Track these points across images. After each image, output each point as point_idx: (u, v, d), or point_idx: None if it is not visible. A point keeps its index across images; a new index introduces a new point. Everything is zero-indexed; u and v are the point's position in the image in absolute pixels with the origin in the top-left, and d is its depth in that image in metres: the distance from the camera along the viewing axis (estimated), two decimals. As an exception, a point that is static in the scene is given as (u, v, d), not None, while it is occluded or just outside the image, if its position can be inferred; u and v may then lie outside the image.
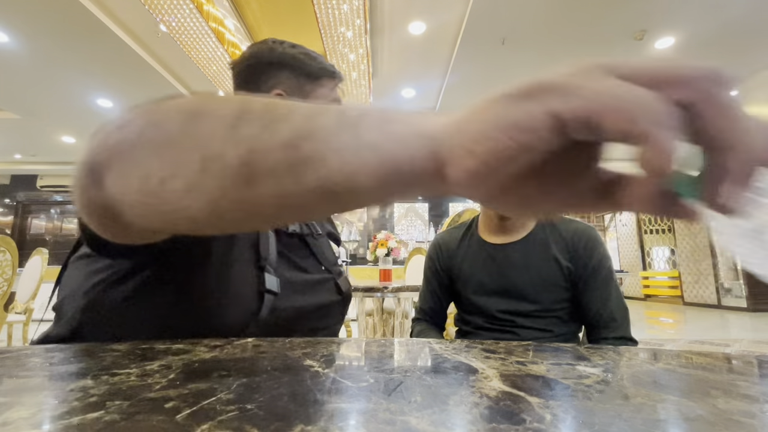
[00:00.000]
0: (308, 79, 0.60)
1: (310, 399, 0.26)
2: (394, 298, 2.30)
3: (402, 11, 3.43)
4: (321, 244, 0.61)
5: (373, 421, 0.22)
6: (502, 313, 0.87)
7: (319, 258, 0.58)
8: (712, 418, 0.23)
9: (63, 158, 6.98)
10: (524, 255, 0.89)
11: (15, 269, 2.18)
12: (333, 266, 0.60)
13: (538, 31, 3.36)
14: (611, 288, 0.85)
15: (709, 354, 0.43)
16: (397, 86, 4.66)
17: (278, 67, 0.59)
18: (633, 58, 0.20)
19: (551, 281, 0.86)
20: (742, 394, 0.28)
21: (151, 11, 3.16)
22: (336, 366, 0.37)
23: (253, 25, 3.97)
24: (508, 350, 0.43)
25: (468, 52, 3.72)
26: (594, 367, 0.36)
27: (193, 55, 3.80)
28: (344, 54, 3.78)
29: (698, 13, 3.10)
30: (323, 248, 0.61)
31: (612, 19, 3.19)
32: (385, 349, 0.46)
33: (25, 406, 0.24)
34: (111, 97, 4.55)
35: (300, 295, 0.53)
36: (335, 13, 3.22)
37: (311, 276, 0.56)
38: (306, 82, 0.59)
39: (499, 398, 0.26)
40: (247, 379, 0.30)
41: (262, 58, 0.59)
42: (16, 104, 4.76)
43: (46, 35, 3.40)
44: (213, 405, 0.24)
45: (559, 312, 0.87)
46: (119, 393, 0.26)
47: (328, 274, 0.58)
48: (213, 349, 0.42)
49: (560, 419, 0.23)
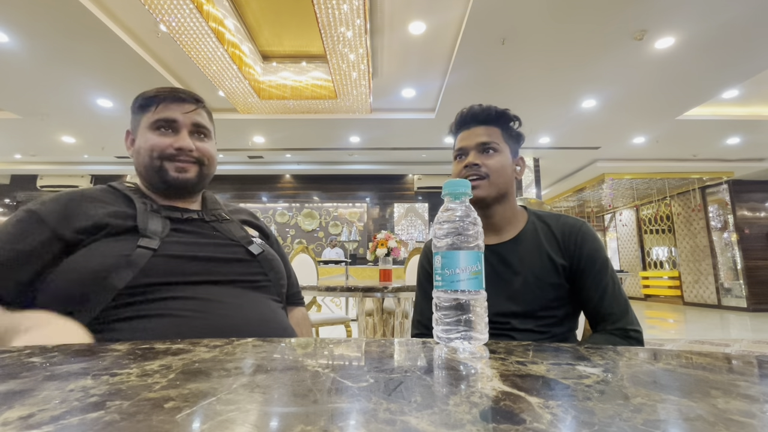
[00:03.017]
0: (137, 113, 0.81)
1: (310, 399, 0.26)
2: (394, 298, 2.29)
3: (402, 11, 3.43)
4: (227, 225, 0.82)
5: (373, 421, 0.22)
6: (497, 315, 0.84)
7: (223, 232, 0.79)
8: (712, 418, 0.23)
9: (63, 158, 6.98)
10: (517, 254, 0.87)
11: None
12: (241, 239, 0.80)
13: (538, 31, 3.36)
14: (607, 280, 0.83)
15: (709, 354, 0.43)
16: (397, 86, 4.65)
17: (131, 112, 0.84)
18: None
19: (546, 280, 0.84)
20: (742, 394, 0.28)
21: (151, 11, 3.16)
22: (336, 366, 0.36)
23: (253, 25, 3.97)
24: (508, 350, 0.43)
25: (468, 52, 3.72)
26: (594, 367, 0.36)
27: (193, 55, 3.80)
28: (344, 54, 3.78)
29: (698, 13, 3.10)
30: (230, 227, 0.81)
31: (612, 19, 3.19)
32: (385, 349, 0.46)
33: (25, 406, 0.24)
34: (111, 97, 4.55)
35: (193, 246, 0.72)
36: (335, 13, 3.22)
37: (209, 240, 0.76)
38: (136, 115, 0.81)
39: (499, 398, 0.26)
40: (247, 379, 0.30)
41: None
42: (16, 104, 4.76)
43: (46, 35, 3.40)
44: (213, 405, 0.24)
45: (555, 311, 0.85)
46: (119, 393, 0.26)
47: (233, 242, 0.78)
48: (213, 349, 0.42)
49: (560, 419, 0.23)
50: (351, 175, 7.77)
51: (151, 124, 0.77)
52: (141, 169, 0.79)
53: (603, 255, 0.86)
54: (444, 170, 7.44)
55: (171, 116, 0.77)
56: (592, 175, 7.55)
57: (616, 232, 10.35)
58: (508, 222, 0.92)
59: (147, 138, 0.77)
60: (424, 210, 7.80)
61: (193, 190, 0.82)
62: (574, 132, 5.63)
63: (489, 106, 0.92)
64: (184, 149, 0.77)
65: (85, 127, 5.44)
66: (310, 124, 5.46)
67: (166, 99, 0.78)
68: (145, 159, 0.77)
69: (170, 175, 0.77)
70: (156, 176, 0.77)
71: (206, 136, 0.82)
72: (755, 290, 6.91)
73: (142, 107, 0.79)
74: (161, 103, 0.78)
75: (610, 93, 4.45)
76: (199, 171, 0.80)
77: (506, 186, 0.90)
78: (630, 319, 0.81)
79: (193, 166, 0.79)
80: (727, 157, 6.73)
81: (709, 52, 3.59)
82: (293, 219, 7.84)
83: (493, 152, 0.89)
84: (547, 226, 0.91)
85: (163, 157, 0.77)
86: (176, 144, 0.77)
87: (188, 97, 0.80)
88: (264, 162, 7.20)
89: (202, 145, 0.81)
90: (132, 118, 0.82)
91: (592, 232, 0.89)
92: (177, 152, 0.77)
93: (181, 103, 0.79)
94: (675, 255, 8.47)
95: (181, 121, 0.78)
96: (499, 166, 0.88)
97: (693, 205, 7.90)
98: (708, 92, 4.39)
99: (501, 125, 0.92)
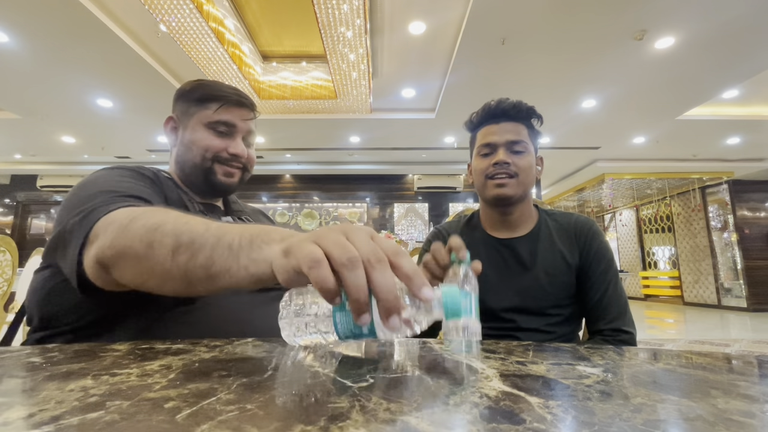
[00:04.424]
0: (193, 104, 0.79)
1: (310, 399, 0.26)
2: (394, 298, 2.29)
3: (402, 11, 3.42)
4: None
5: (373, 421, 0.22)
6: (504, 311, 0.85)
7: None
8: (712, 418, 0.23)
9: (63, 158, 6.98)
10: (531, 250, 0.88)
11: (15, 269, 2.18)
12: None
13: (538, 31, 3.36)
14: (609, 279, 0.84)
15: (709, 354, 0.43)
16: (397, 86, 4.65)
17: (174, 99, 0.82)
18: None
19: (558, 277, 0.85)
20: (742, 394, 0.28)
21: (151, 11, 3.16)
22: (336, 366, 0.37)
23: (253, 25, 3.96)
24: (508, 350, 0.43)
25: (468, 52, 3.71)
26: (594, 367, 0.36)
27: (193, 55, 3.80)
28: (344, 54, 3.77)
29: (698, 13, 3.09)
30: None
31: (612, 19, 3.18)
32: (385, 349, 0.46)
33: (25, 406, 0.24)
34: (111, 97, 4.54)
35: None
36: (335, 13, 3.21)
37: None
38: (191, 106, 0.79)
39: (499, 398, 0.26)
40: (247, 379, 0.30)
41: (174, 95, 0.83)
42: (16, 104, 4.76)
43: (46, 35, 3.40)
44: (213, 405, 0.24)
45: (563, 309, 0.85)
46: (119, 393, 0.26)
47: None
48: (213, 349, 0.42)
49: (560, 419, 0.23)
50: (351, 175, 7.77)
51: (210, 123, 0.77)
52: (186, 163, 0.78)
53: (609, 255, 0.87)
54: (444, 170, 7.43)
55: (231, 121, 0.78)
56: (592, 175, 7.55)
57: (616, 232, 10.34)
58: (524, 220, 0.92)
59: (202, 136, 0.77)
60: (424, 210, 7.80)
61: (230, 194, 0.84)
62: (574, 132, 5.62)
63: (519, 102, 0.91)
64: (239, 156, 0.78)
65: (85, 127, 5.43)
66: (310, 124, 5.45)
67: (229, 101, 0.78)
68: (196, 156, 0.77)
69: (218, 178, 0.78)
70: (202, 175, 0.77)
71: (252, 144, 0.84)
72: (755, 290, 6.91)
73: (201, 101, 0.78)
74: (224, 105, 0.78)
75: (610, 93, 4.45)
76: (241, 176, 0.81)
77: (531, 185, 0.90)
78: (626, 321, 0.83)
79: (238, 171, 0.80)
80: (727, 157, 6.72)
81: (709, 52, 3.58)
82: (293, 219, 7.84)
83: (523, 151, 0.88)
84: (559, 224, 0.92)
85: (216, 159, 0.77)
86: (231, 149, 0.78)
87: (249, 103, 0.81)
88: (264, 162, 7.20)
89: (251, 152, 0.82)
90: (181, 106, 0.80)
91: (600, 232, 0.90)
92: (230, 157, 0.78)
93: (241, 108, 0.80)
94: (675, 255, 8.47)
95: (239, 127, 0.79)
96: (527, 165, 0.88)
97: (693, 205, 7.90)
98: (708, 92, 4.39)
99: (527, 122, 0.92)
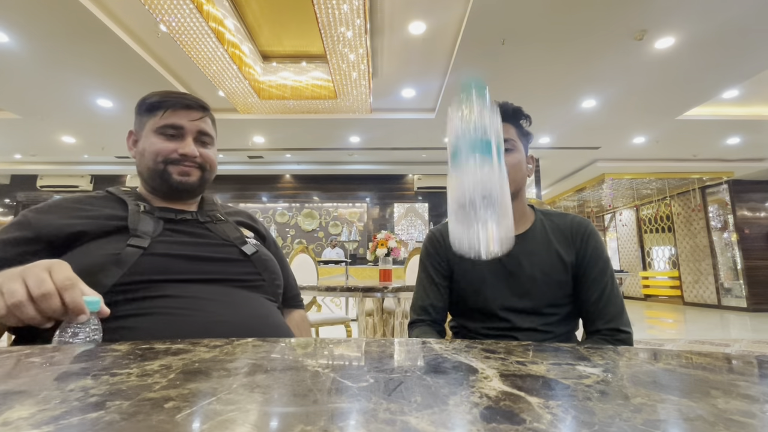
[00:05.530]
0: (144, 114, 0.81)
1: (310, 399, 0.26)
2: (394, 298, 2.29)
3: (402, 11, 3.43)
4: (222, 225, 0.83)
5: (373, 421, 0.22)
6: (503, 310, 0.85)
7: (217, 232, 0.80)
8: (712, 418, 0.23)
9: (63, 158, 6.98)
10: (527, 249, 0.88)
11: (15, 269, 2.18)
12: (235, 239, 0.80)
13: (538, 31, 3.36)
14: (606, 279, 0.85)
15: (709, 354, 0.43)
16: (397, 86, 4.65)
17: (135, 112, 0.84)
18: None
19: (554, 276, 0.85)
20: (742, 394, 0.28)
21: (151, 11, 3.16)
22: (336, 366, 0.36)
23: (253, 25, 3.96)
24: (508, 350, 0.43)
25: (468, 52, 3.71)
26: (594, 367, 0.36)
27: (193, 55, 3.80)
28: (344, 54, 3.77)
29: (698, 13, 3.09)
30: (224, 228, 0.82)
31: (612, 19, 3.18)
32: (385, 349, 0.46)
33: (25, 406, 0.24)
34: (111, 97, 4.55)
35: (184, 245, 0.73)
36: (335, 13, 3.22)
37: (202, 240, 0.77)
38: (143, 116, 0.81)
39: (499, 398, 0.26)
40: (247, 379, 0.30)
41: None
42: (16, 104, 4.76)
43: (46, 35, 3.40)
44: (213, 405, 0.24)
45: (559, 309, 0.86)
46: (119, 393, 0.26)
47: (226, 242, 0.79)
48: (213, 349, 0.42)
49: (560, 419, 0.23)
50: (351, 175, 7.77)
51: (158, 128, 0.79)
52: (144, 171, 0.80)
53: (605, 255, 0.88)
54: (444, 170, 7.40)
55: (178, 123, 0.79)
56: (592, 175, 7.55)
57: (616, 232, 10.35)
58: (518, 219, 0.92)
59: (152, 142, 0.79)
60: (424, 210, 7.79)
61: (193, 194, 0.84)
62: (574, 132, 5.62)
63: (505, 103, 0.92)
64: (189, 155, 0.80)
65: (85, 127, 5.43)
66: (310, 124, 5.45)
67: (174, 105, 0.80)
68: (149, 162, 0.79)
69: (174, 179, 0.79)
70: (159, 179, 0.79)
71: (209, 143, 0.85)
72: (755, 290, 6.91)
73: (149, 110, 0.81)
74: (169, 109, 0.79)
75: (610, 93, 4.45)
76: (201, 175, 0.83)
77: (521, 183, 0.91)
78: (623, 321, 0.83)
79: (195, 170, 0.81)
80: (727, 157, 6.72)
81: (710, 52, 3.59)
82: (293, 219, 7.84)
83: (511, 149, 0.89)
84: (555, 224, 0.92)
85: (168, 162, 0.79)
86: (181, 150, 0.79)
87: (195, 104, 0.82)
88: (264, 162, 7.20)
89: (205, 151, 0.83)
90: (137, 119, 0.83)
91: (597, 232, 0.90)
92: (181, 158, 0.79)
93: (188, 110, 0.81)
94: (675, 255, 8.47)
95: (187, 128, 0.80)
96: (516, 162, 0.88)
97: (693, 205, 7.90)
98: (708, 92, 4.39)
99: (515, 123, 0.92)
